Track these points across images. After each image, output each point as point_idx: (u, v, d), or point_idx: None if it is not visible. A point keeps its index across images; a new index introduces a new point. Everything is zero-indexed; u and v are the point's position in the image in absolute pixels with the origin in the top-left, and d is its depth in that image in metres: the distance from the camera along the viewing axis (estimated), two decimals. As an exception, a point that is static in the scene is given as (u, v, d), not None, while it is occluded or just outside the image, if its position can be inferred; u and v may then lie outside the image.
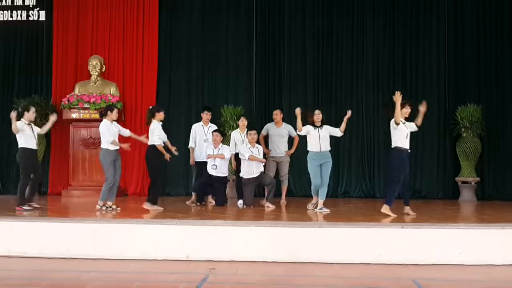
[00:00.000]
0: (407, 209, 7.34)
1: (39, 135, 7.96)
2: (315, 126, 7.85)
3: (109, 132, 7.60)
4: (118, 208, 7.69)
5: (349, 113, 7.73)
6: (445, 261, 6.05)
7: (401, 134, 7.16)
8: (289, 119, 9.80)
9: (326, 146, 7.82)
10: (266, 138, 9.21)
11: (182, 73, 11.08)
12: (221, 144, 8.63)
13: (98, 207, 7.62)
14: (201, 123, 9.11)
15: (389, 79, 10.79)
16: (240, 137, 8.80)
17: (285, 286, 5.33)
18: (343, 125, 7.80)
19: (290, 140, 9.18)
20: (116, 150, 7.71)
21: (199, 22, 11.08)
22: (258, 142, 8.75)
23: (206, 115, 9.08)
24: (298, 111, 7.82)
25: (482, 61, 10.66)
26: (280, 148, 9.00)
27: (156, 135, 7.66)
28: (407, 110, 7.23)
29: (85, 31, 11.02)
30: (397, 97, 7.03)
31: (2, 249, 6.35)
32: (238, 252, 6.15)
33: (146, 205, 7.72)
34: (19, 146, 7.56)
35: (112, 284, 5.31)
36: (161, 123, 7.83)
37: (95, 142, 10.00)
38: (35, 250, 6.30)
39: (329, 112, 10.57)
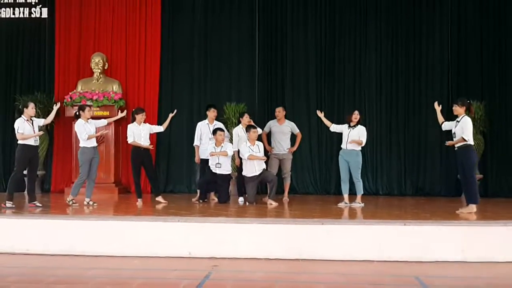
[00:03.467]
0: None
1: (41, 128, 8.14)
2: (349, 126, 8.27)
3: (85, 130, 8.02)
4: (95, 204, 8.00)
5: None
6: (448, 258, 6.05)
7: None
8: (292, 116, 9.80)
9: (352, 145, 8.15)
10: (269, 135, 9.21)
11: (185, 70, 11.05)
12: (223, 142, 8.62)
13: (67, 201, 8.06)
14: (206, 121, 9.05)
15: (392, 76, 10.75)
16: (243, 133, 8.79)
17: (287, 283, 5.33)
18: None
19: (293, 137, 9.18)
20: (94, 148, 8.13)
21: (202, 20, 11.06)
22: (260, 139, 8.75)
23: (212, 113, 9.03)
24: (319, 113, 8.65)
25: (485, 57, 10.60)
26: (283, 145, 8.99)
27: (129, 135, 8.33)
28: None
29: (88, 28, 11.01)
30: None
31: (5, 246, 6.37)
32: (241, 249, 6.16)
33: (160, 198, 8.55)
34: (18, 142, 7.70)
35: (115, 281, 5.33)
36: (136, 124, 8.36)
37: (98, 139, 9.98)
38: (38, 247, 6.32)
39: (331, 109, 10.59)
